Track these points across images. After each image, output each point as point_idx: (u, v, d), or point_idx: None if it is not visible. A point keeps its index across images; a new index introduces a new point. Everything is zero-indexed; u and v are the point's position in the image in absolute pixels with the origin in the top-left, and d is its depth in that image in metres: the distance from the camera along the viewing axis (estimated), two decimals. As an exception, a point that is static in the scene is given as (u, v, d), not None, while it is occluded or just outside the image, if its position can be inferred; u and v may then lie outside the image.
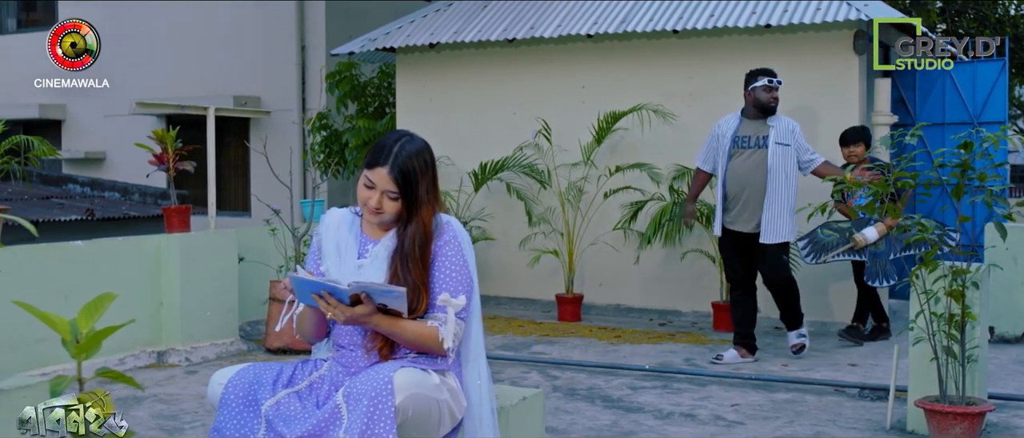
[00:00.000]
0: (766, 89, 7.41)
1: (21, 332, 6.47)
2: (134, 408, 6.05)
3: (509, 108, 10.39)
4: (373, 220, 3.28)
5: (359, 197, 3.27)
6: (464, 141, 10.45)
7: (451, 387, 3.19)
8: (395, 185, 3.19)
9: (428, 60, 10.87)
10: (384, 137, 3.29)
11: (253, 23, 15.17)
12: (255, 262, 8.50)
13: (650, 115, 9.56)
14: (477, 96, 10.64)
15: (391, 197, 3.21)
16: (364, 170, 3.24)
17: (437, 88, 10.88)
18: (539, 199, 10.12)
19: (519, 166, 9.94)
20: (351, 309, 3.07)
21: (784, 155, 7.37)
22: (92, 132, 16.94)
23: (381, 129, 12.00)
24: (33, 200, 12.53)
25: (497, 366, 7.19)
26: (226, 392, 3.17)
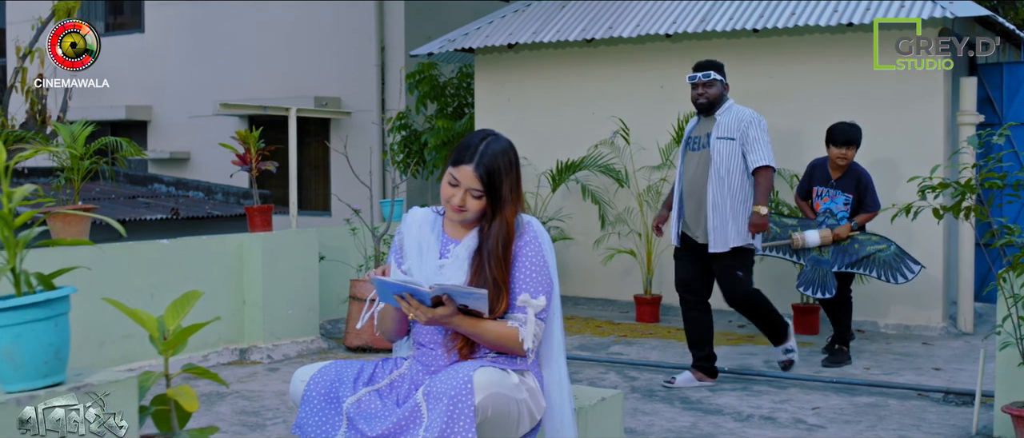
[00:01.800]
0: (691, 87, 6.75)
1: (108, 328, 6.61)
2: (217, 404, 6.14)
3: (587, 108, 10.38)
4: (456, 218, 3.29)
5: (442, 195, 3.29)
6: (541, 141, 10.45)
7: (530, 387, 3.20)
8: (479, 183, 3.21)
9: (506, 60, 10.89)
10: (469, 135, 3.30)
11: (334, 25, 15.32)
12: (335, 261, 8.59)
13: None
14: (555, 96, 10.64)
15: (475, 195, 3.23)
16: (449, 167, 3.26)
17: (515, 88, 10.90)
18: (616, 200, 10.09)
19: (596, 166, 9.92)
20: (432, 310, 3.09)
21: (728, 151, 6.55)
22: (177, 133, 17.24)
23: (460, 129, 12.05)
24: (120, 199, 12.79)
25: (575, 366, 7.18)
26: (308, 389, 3.21)
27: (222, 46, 16.52)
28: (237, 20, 16.34)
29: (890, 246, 7.34)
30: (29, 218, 2.53)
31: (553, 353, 3.33)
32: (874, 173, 8.14)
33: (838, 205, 7.49)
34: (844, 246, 7.37)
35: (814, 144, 9.23)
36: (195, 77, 16.81)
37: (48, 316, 2.29)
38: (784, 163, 9.08)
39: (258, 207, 8.31)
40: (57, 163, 7.33)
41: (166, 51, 17.23)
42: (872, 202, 7.45)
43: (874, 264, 7.32)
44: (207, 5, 16.58)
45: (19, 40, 11.13)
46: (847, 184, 7.49)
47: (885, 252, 7.32)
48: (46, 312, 2.29)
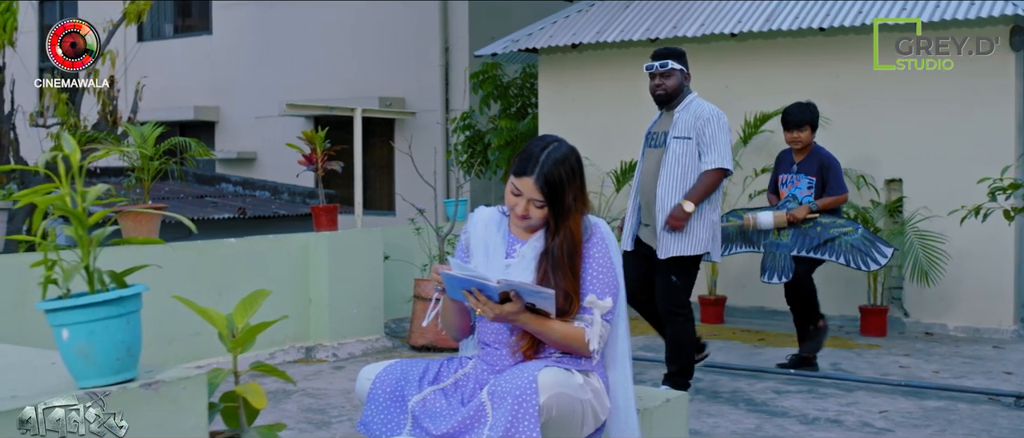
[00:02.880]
0: (649, 77, 6.20)
1: (177, 326, 6.70)
2: (283, 401, 6.21)
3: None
4: (520, 225, 3.30)
5: (506, 203, 3.30)
6: (605, 141, 10.42)
7: (595, 387, 3.19)
8: (541, 194, 3.20)
9: (570, 60, 10.88)
10: (531, 144, 3.29)
11: (398, 25, 15.41)
12: (400, 260, 8.64)
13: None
14: (619, 96, 10.61)
15: (537, 205, 3.23)
16: (511, 177, 3.26)
17: (579, 88, 10.88)
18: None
19: (661, 166, 9.87)
20: (500, 307, 3.09)
21: (684, 152, 5.99)
22: (244, 133, 17.44)
23: (523, 129, 12.06)
24: (189, 199, 12.97)
25: (639, 367, 7.16)
26: (374, 387, 3.24)
27: (288, 47, 16.69)
28: (303, 21, 16.49)
29: (857, 229, 6.88)
30: (102, 217, 2.57)
31: (619, 354, 3.33)
32: (942, 174, 8.04)
33: (802, 189, 7.09)
34: (805, 229, 6.93)
35: (881, 145, 9.13)
36: (262, 78, 17.00)
37: (120, 313, 2.33)
38: (853, 165, 8.98)
39: (324, 207, 8.38)
40: (128, 163, 7.45)
41: (233, 52, 17.44)
42: (836, 185, 7.04)
43: (840, 249, 6.85)
44: (273, 6, 16.76)
45: (91, 42, 11.30)
46: (809, 167, 7.12)
47: (852, 236, 6.85)
48: (119, 310, 2.32)
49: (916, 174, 8.99)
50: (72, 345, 2.31)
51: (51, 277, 2.41)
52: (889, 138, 9.14)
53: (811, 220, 6.94)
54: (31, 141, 10.78)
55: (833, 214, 7.03)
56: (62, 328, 2.32)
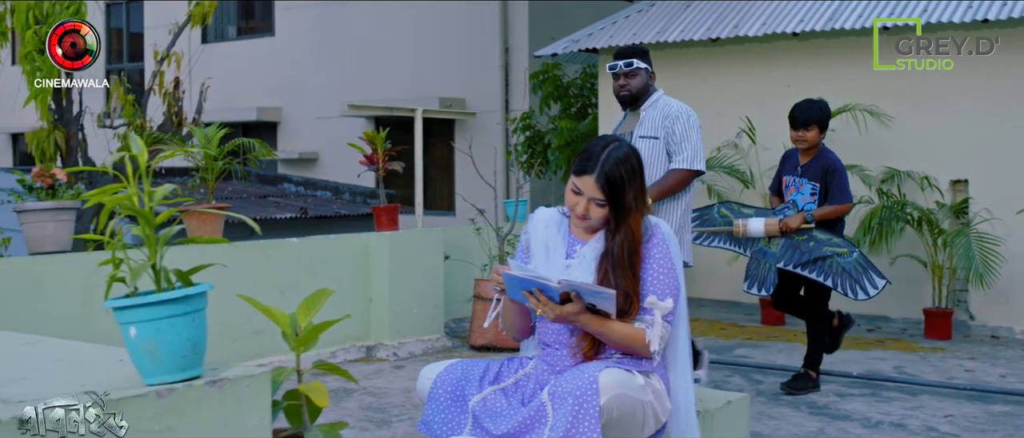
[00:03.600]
0: (613, 78, 5.81)
1: (241, 324, 6.77)
2: (345, 400, 6.25)
3: (712, 108, 10.27)
4: (581, 225, 3.30)
5: (567, 202, 3.30)
6: (666, 141, 10.38)
7: (656, 389, 3.18)
8: (602, 193, 3.20)
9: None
10: (592, 143, 3.29)
11: (458, 26, 15.47)
12: (460, 260, 8.67)
13: (862, 116, 9.29)
14: (679, 96, 10.48)
15: (598, 204, 3.22)
16: (572, 176, 3.26)
17: (639, 88, 10.84)
18: (741, 200, 9.97)
19: (721, 167, 9.82)
20: (561, 307, 3.09)
21: (650, 151, 5.58)
22: (306, 134, 17.59)
23: (583, 130, 12.05)
24: (251, 198, 13.10)
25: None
26: (435, 387, 3.25)
27: (349, 48, 16.81)
28: (364, 22, 16.60)
29: (852, 252, 6.25)
30: (168, 217, 2.61)
31: (679, 355, 3.32)
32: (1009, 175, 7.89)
33: (804, 195, 6.53)
34: (797, 241, 6.36)
35: (946, 145, 9.00)
36: (323, 79, 17.13)
37: (186, 312, 2.36)
38: (916, 165, 8.87)
39: (384, 207, 8.42)
40: (192, 163, 7.54)
41: (295, 54, 17.60)
42: (839, 193, 6.41)
43: (830, 270, 6.23)
44: (335, 8, 16.89)
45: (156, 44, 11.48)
46: (814, 171, 6.51)
47: (845, 258, 6.23)
48: (185, 308, 2.35)
49: (981, 175, 8.85)
50: (139, 342, 2.35)
51: (118, 276, 2.44)
52: (954, 138, 9.01)
53: (806, 232, 6.38)
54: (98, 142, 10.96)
55: (831, 229, 6.42)
56: (130, 326, 2.35)
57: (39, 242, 6.72)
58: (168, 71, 10.47)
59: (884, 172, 9.12)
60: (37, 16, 8.67)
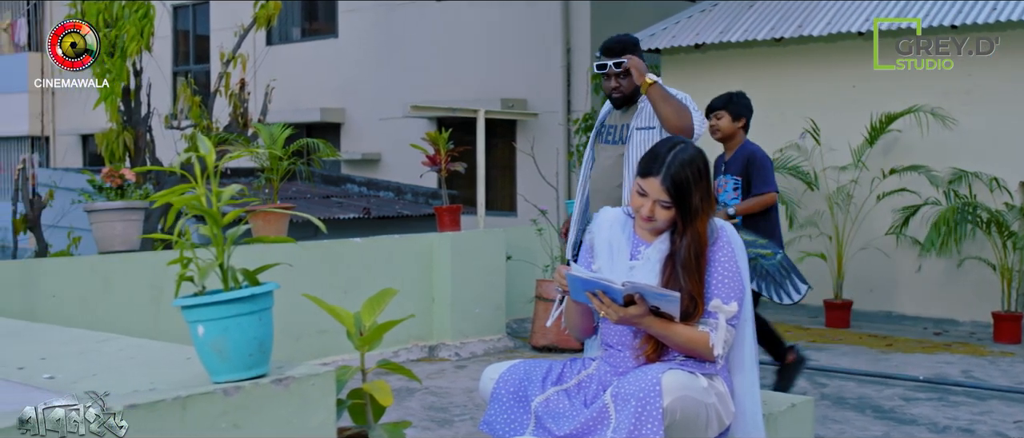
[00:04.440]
0: (604, 78, 5.25)
1: (304, 323, 6.83)
2: (407, 399, 6.28)
3: (775, 108, 10.20)
4: (646, 227, 3.28)
5: (632, 204, 3.28)
6: (729, 142, 10.32)
7: (719, 391, 3.16)
8: (667, 195, 3.18)
9: (693, 61, 10.80)
10: (657, 145, 3.27)
11: (520, 27, 15.48)
12: (522, 261, 8.68)
13: (927, 117, 9.16)
14: (742, 97, 10.48)
15: (663, 206, 3.21)
16: (637, 178, 3.25)
17: (702, 89, 10.76)
18: (804, 201, 9.88)
19: (785, 168, 9.74)
20: (624, 309, 3.09)
21: (648, 142, 5.03)
22: (368, 134, 17.69)
23: (645, 130, 11.99)
24: (315, 199, 13.21)
25: (764, 371, 7.05)
26: (497, 387, 3.26)
27: (411, 49, 16.88)
28: (426, 24, 16.67)
29: (776, 254, 5.75)
30: (235, 217, 2.64)
31: (745, 358, 3.29)
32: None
33: (728, 192, 6.15)
34: None
35: (1015, 146, 8.85)
36: (386, 80, 17.23)
37: (253, 311, 2.39)
38: (985, 167, 8.73)
39: (447, 207, 8.45)
40: (257, 164, 7.62)
41: (358, 55, 17.71)
42: (760, 183, 6.05)
43: (754, 272, 5.74)
44: (397, 9, 16.98)
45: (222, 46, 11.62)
46: (735, 165, 6.19)
47: (769, 261, 5.75)
48: (252, 307, 2.38)
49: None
50: (207, 341, 2.38)
51: (187, 275, 2.48)
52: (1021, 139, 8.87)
53: None
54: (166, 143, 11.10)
55: (757, 228, 5.98)
56: (198, 324, 2.38)
57: (108, 241, 6.83)
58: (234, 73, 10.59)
59: (951, 173, 8.99)
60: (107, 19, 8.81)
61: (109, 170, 6.94)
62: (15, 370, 2.71)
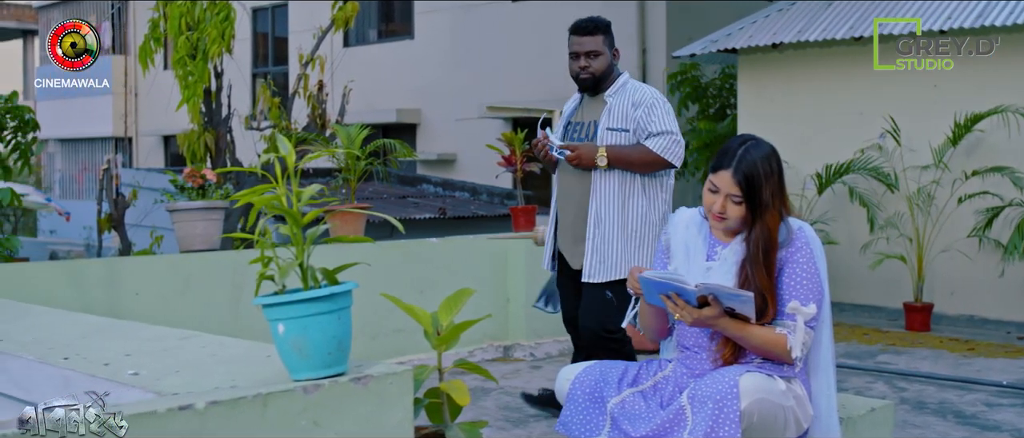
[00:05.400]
0: (572, 57, 5.02)
1: (381, 322, 6.88)
2: (482, 399, 6.30)
3: (854, 108, 10.06)
4: (718, 225, 3.26)
5: (704, 201, 3.27)
6: (806, 143, 10.20)
7: (797, 394, 3.14)
8: (739, 189, 3.17)
9: (770, 61, 10.69)
10: (730, 140, 3.27)
11: (596, 28, 15.45)
12: (596, 262, 8.66)
13: (1015, 118, 8.97)
14: (820, 96, 10.37)
15: (735, 201, 3.19)
16: (709, 173, 3.24)
17: (779, 89, 10.69)
18: (884, 202, 9.74)
19: (865, 169, 9.60)
20: (698, 311, 3.07)
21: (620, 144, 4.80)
22: (444, 135, 17.79)
23: (722, 131, 11.92)
24: (391, 199, 13.32)
25: (841, 375, 6.97)
26: (573, 388, 3.26)
27: (487, 50, 16.94)
28: (501, 24, 16.72)
29: None
30: (315, 216, 2.67)
31: (822, 361, 3.26)
32: None
33: None
34: None
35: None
36: (461, 80, 17.31)
37: (332, 309, 2.42)
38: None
39: (522, 207, 8.46)
40: (335, 164, 7.70)
41: (434, 56, 17.82)
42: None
43: None
44: (473, 10, 17.05)
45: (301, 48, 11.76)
46: None
47: None
48: (331, 306, 2.41)
49: None
50: (287, 339, 2.41)
51: (268, 274, 2.51)
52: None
53: None
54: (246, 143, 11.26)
55: None
56: (278, 323, 2.42)
57: (190, 240, 6.95)
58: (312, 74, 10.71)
59: (1037, 175, 8.81)
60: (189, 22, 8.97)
61: (191, 170, 7.06)
62: (101, 366, 2.78)
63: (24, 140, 8.16)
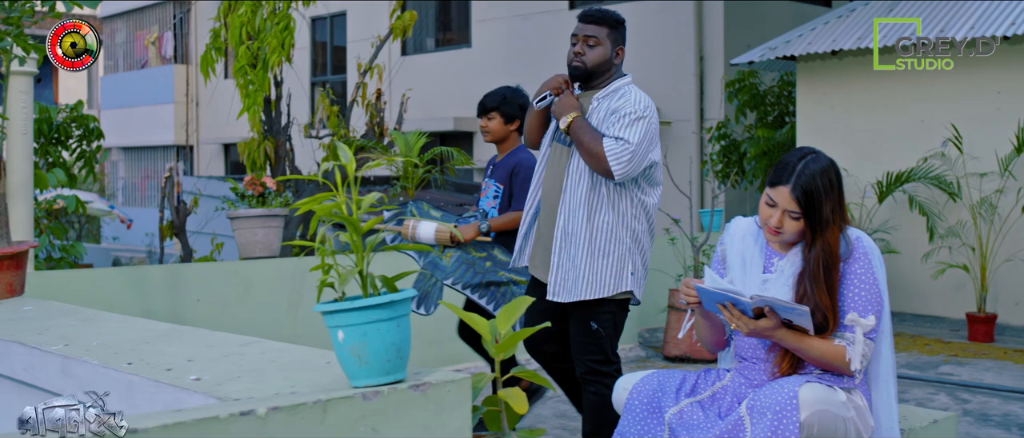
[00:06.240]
0: (571, 42, 4.56)
1: (438, 329, 6.89)
2: (539, 407, 6.31)
3: (915, 116, 9.94)
4: (773, 239, 3.23)
5: (760, 215, 3.24)
6: (866, 151, 10.10)
7: (858, 405, 3.10)
8: (797, 205, 3.13)
9: (829, 68, 10.60)
10: (788, 154, 3.23)
11: (652, 35, 15.41)
12: (654, 270, 8.61)
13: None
14: (881, 104, 10.26)
15: (792, 217, 3.16)
16: (767, 188, 3.21)
17: (839, 96, 10.59)
18: (946, 212, 9.60)
19: (927, 178, 9.48)
20: (755, 322, 3.05)
21: None
22: (501, 143, 17.80)
23: (781, 139, 11.84)
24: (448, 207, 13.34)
25: (902, 386, 6.90)
26: (631, 397, 3.25)
27: (544, 58, 16.94)
28: (559, 32, 16.71)
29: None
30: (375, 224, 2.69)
31: (882, 372, 3.22)
32: None
33: (489, 199, 5.43)
34: (473, 258, 5.19)
35: None
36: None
37: (392, 317, 2.43)
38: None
39: (579, 216, 8.45)
40: (392, 172, 7.75)
41: (491, 64, 17.86)
42: (520, 199, 5.16)
43: (502, 299, 5.12)
44: (530, 19, 17.08)
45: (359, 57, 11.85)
46: (501, 172, 5.40)
47: (522, 288, 5.08)
48: (390, 313, 2.42)
49: None
50: (346, 346, 2.43)
51: (328, 281, 2.53)
52: None
53: (485, 248, 5.25)
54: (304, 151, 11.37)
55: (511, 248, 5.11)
56: (337, 329, 2.43)
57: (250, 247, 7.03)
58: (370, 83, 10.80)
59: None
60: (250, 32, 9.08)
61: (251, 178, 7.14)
62: (164, 371, 2.82)
63: (89, 149, 8.30)
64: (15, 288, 4.17)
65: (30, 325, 3.61)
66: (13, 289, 4.16)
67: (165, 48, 25.33)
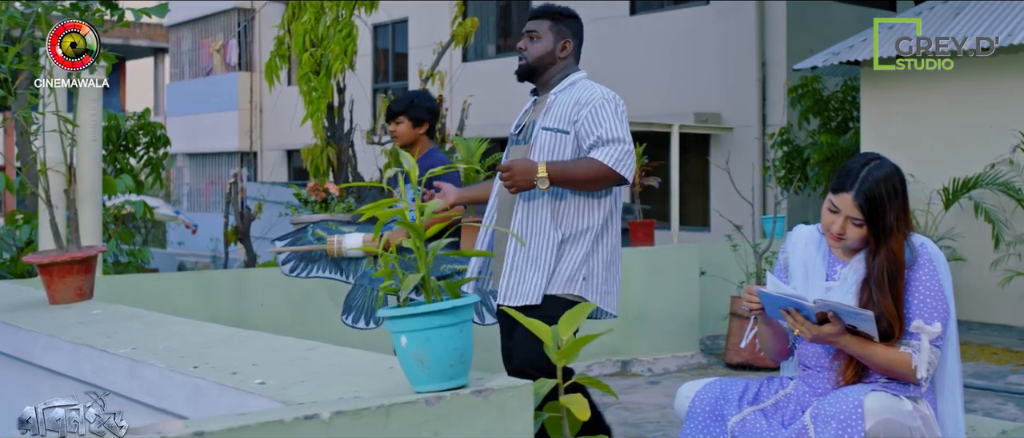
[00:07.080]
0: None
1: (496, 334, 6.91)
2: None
3: (983, 121, 9.79)
4: (836, 245, 3.20)
5: (822, 221, 3.21)
6: (931, 157, 9.96)
7: (925, 415, 3.06)
8: (860, 212, 3.10)
9: (895, 72, 10.47)
10: (851, 160, 3.20)
11: (714, 41, 15.34)
12: (715, 277, 8.58)
13: None
14: (947, 109, 10.12)
15: (855, 224, 3.12)
16: (829, 194, 3.18)
17: (904, 101, 10.46)
18: (1013, 219, 9.44)
19: (995, 184, 9.33)
20: (818, 327, 3.02)
21: (555, 148, 4.02)
22: (561, 149, 17.79)
23: (844, 144, 11.72)
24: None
25: (969, 395, 6.79)
26: (693, 405, 3.24)
27: (604, 64, 16.92)
28: (619, 38, 16.69)
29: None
30: (438, 230, 2.70)
31: (948, 381, 3.17)
32: None
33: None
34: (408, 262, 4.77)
35: None
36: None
37: (454, 322, 2.44)
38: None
39: (640, 222, 8.44)
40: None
41: (553, 70, 17.87)
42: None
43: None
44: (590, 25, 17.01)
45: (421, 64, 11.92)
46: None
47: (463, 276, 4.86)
48: (453, 319, 2.43)
49: None
50: (409, 351, 2.44)
51: (391, 286, 2.55)
52: None
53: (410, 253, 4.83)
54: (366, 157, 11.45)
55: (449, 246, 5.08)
56: (400, 335, 2.45)
57: (313, 253, 7.08)
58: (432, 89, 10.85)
59: None
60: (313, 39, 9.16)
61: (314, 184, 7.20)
62: (229, 375, 2.85)
63: (156, 155, 8.44)
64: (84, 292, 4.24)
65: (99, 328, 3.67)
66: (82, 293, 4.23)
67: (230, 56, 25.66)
